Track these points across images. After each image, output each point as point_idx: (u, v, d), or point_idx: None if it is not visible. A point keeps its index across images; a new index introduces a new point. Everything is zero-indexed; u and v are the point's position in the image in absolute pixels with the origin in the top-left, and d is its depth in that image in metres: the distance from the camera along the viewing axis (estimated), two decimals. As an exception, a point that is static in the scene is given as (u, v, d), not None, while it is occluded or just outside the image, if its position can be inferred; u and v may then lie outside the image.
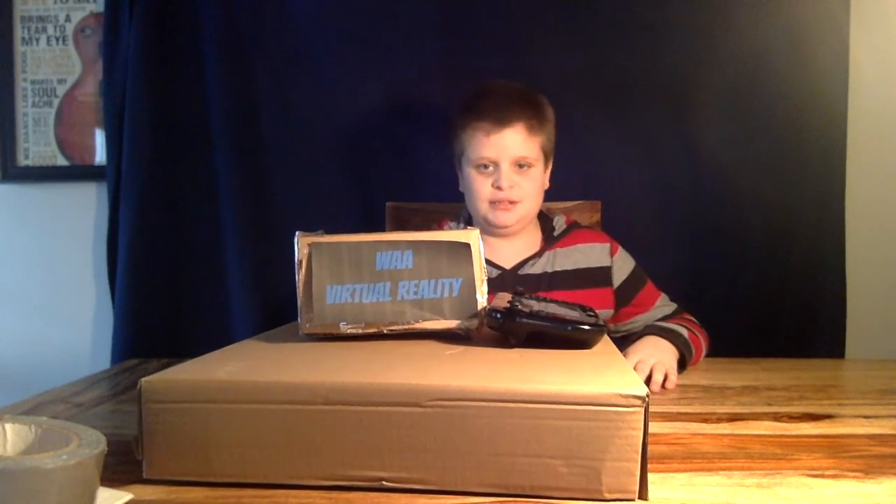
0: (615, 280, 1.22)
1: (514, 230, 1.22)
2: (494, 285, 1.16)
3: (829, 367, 1.22)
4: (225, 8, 1.63)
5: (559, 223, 1.27)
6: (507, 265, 1.21)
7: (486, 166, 1.17)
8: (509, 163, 1.16)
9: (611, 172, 1.56)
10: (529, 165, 1.17)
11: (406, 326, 0.77)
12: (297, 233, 0.80)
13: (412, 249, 0.78)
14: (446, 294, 0.78)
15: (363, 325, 0.76)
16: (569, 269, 1.21)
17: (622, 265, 1.24)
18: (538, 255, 1.21)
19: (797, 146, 1.55)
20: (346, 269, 0.78)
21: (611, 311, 1.21)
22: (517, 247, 1.23)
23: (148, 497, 0.55)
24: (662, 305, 1.24)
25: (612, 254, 1.24)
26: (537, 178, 1.19)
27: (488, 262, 1.21)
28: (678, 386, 0.97)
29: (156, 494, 0.55)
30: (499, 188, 1.15)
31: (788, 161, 1.56)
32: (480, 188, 1.17)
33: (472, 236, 0.79)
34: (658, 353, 1.04)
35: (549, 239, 1.24)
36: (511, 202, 1.17)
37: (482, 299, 0.77)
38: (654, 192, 1.58)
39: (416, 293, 0.78)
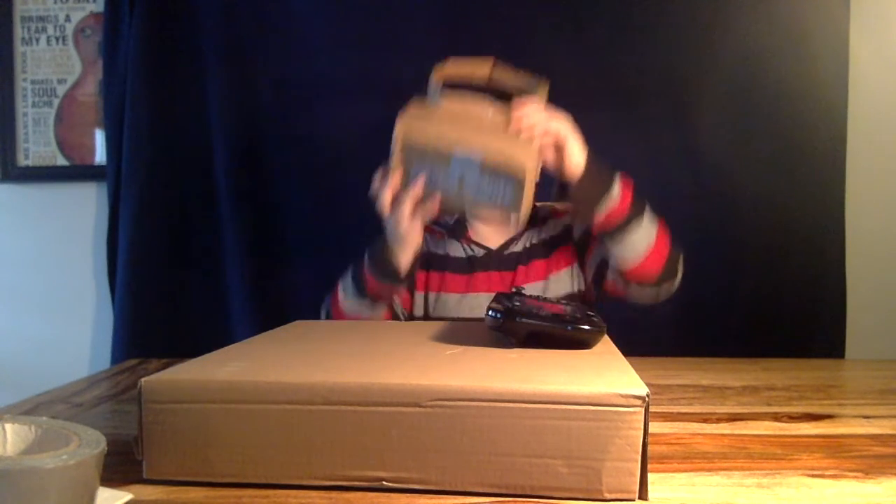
0: (575, 234, 1.24)
1: (496, 217, 1.22)
2: (481, 263, 1.22)
3: (829, 367, 1.22)
4: (225, 8, 1.63)
5: (544, 210, 1.31)
6: (494, 246, 1.24)
7: None
8: None
9: (611, 172, 1.56)
10: None
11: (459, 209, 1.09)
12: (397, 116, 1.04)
13: (481, 160, 0.98)
14: (498, 200, 0.99)
15: (430, 195, 1.00)
16: (543, 238, 1.23)
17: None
18: (520, 235, 1.24)
19: (797, 146, 1.55)
20: (428, 159, 1.00)
21: (573, 266, 1.21)
22: (504, 231, 1.25)
23: (148, 497, 0.55)
24: None
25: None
26: None
27: (475, 242, 1.25)
28: (678, 386, 0.97)
29: (156, 494, 0.55)
30: None
31: (788, 161, 1.56)
32: None
33: (527, 168, 0.97)
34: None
35: (532, 220, 1.26)
36: None
37: (522, 217, 0.98)
38: (653, 192, 1.58)
39: (476, 192, 0.99)
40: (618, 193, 1.06)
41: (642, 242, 1.06)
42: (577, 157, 1.03)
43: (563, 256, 1.22)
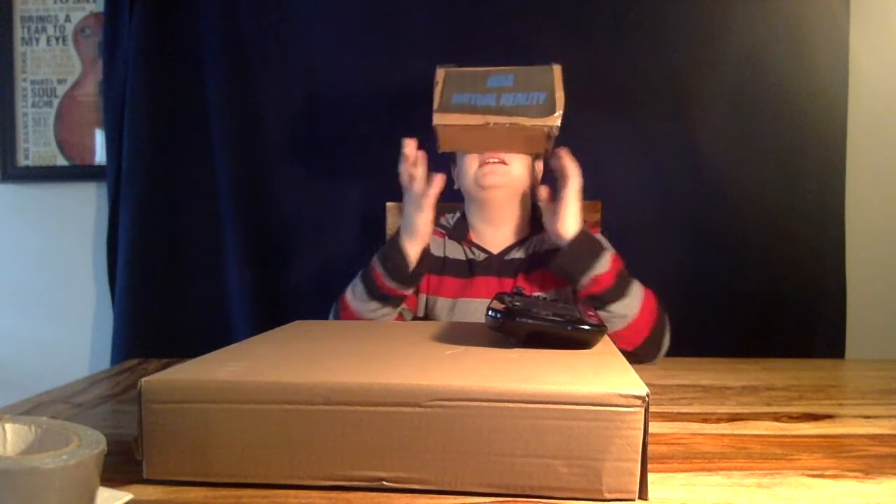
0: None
1: (501, 197, 1.21)
2: (481, 268, 1.22)
3: (829, 367, 1.22)
4: (225, 7, 1.63)
5: None
6: (495, 250, 1.24)
7: None
8: None
9: (611, 172, 1.56)
10: None
11: (507, 119, 1.09)
12: (437, 66, 1.14)
13: (514, 73, 1.11)
14: (534, 102, 1.09)
15: (475, 117, 1.09)
16: (546, 249, 1.21)
17: None
18: (523, 241, 1.24)
19: (797, 146, 1.56)
20: (467, 85, 1.12)
21: None
22: (506, 234, 1.25)
23: (148, 497, 0.55)
24: None
25: None
26: (527, 155, 1.22)
27: (476, 245, 1.23)
28: (678, 386, 0.97)
29: (156, 494, 0.55)
30: None
31: (788, 161, 1.56)
32: (471, 154, 1.21)
33: (555, 67, 1.12)
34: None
35: (536, 227, 1.24)
36: (501, 161, 1.17)
37: (559, 112, 1.08)
38: (654, 192, 1.59)
39: (513, 101, 1.09)
40: (603, 268, 1.05)
41: (621, 320, 1.06)
42: (571, 220, 1.07)
43: None
